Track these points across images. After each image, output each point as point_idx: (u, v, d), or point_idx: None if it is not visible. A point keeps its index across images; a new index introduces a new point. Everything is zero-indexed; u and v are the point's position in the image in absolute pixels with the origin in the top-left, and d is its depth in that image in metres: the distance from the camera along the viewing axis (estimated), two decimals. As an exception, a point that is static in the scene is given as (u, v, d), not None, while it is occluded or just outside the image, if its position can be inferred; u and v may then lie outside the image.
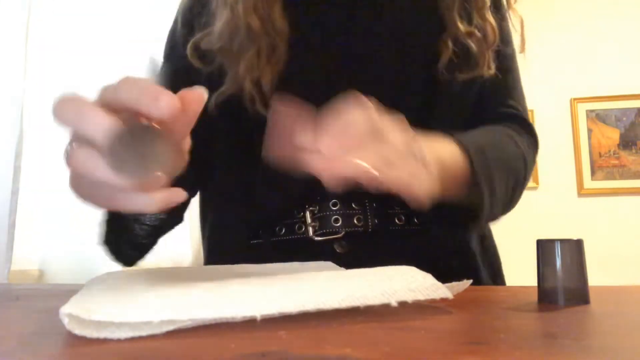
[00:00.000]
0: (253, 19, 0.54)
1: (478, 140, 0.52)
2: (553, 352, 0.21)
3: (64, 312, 0.22)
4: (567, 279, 0.32)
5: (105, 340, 0.21)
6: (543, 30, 2.84)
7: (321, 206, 0.57)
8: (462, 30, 0.57)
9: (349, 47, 0.58)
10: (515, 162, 0.56)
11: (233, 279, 0.34)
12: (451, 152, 0.48)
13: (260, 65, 0.54)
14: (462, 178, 0.48)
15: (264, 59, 0.54)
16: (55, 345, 0.21)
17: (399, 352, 0.20)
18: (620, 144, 2.79)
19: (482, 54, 0.58)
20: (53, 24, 1.44)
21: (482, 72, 0.58)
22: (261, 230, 0.58)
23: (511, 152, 0.56)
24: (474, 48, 0.57)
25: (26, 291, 0.44)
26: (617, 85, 2.79)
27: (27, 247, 1.43)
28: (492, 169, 0.50)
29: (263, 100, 0.55)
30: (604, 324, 0.28)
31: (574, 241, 0.33)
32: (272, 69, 0.55)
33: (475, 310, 0.31)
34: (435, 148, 0.46)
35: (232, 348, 0.21)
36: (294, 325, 0.24)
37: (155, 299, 0.26)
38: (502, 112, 0.61)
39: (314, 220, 0.56)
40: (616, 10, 2.83)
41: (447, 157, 0.47)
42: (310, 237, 0.56)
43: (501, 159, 0.53)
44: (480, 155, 0.49)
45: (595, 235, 2.58)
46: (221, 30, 0.56)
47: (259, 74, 0.54)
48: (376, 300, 0.27)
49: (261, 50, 0.54)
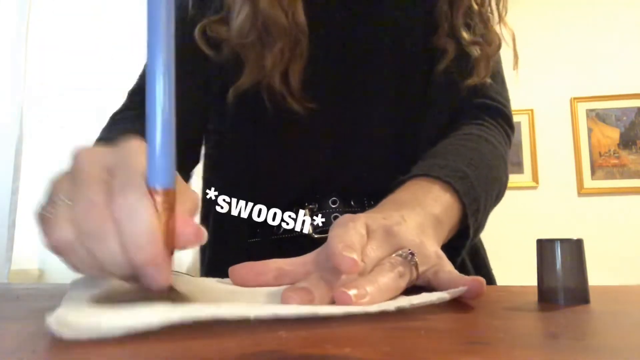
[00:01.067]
0: (279, 13, 0.54)
1: (459, 165, 0.50)
2: (553, 352, 0.21)
3: (51, 319, 0.21)
4: (567, 279, 0.32)
5: (105, 341, 0.21)
6: (543, 30, 2.84)
7: (320, 204, 0.57)
8: (467, 39, 0.58)
9: (362, 42, 0.59)
10: (497, 170, 0.56)
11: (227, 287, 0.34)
12: (442, 205, 0.45)
13: (286, 60, 0.54)
14: (456, 220, 0.48)
15: (288, 53, 0.54)
16: (55, 345, 0.21)
17: (399, 352, 0.20)
18: (621, 144, 2.79)
19: (487, 61, 0.59)
20: (53, 24, 1.44)
21: (481, 79, 0.59)
22: (259, 228, 0.59)
23: (493, 161, 0.55)
24: (475, 55, 0.58)
25: (26, 291, 0.44)
26: (617, 84, 2.79)
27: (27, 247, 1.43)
28: (480, 193, 0.49)
29: (292, 94, 0.55)
30: (604, 323, 0.28)
31: (574, 241, 0.33)
32: (298, 63, 0.55)
33: (475, 310, 0.31)
34: (429, 217, 0.43)
35: (232, 348, 0.21)
36: (294, 325, 0.24)
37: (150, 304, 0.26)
38: (478, 103, 0.62)
39: (313, 218, 0.57)
40: (616, 10, 2.83)
41: (443, 217, 0.45)
42: (309, 234, 0.56)
43: (485, 177, 0.52)
44: (468, 189, 0.48)
45: (595, 235, 2.58)
46: (241, 24, 0.55)
47: (285, 68, 0.54)
48: (374, 309, 0.27)
49: (286, 45, 0.54)
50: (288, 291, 0.29)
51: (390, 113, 0.60)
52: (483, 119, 0.61)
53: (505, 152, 0.60)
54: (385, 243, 0.36)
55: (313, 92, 0.56)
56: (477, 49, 0.58)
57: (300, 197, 0.58)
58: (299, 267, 0.37)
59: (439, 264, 0.37)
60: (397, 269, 0.33)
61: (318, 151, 0.59)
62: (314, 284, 0.30)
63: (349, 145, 0.59)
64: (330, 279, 0.31)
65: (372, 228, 0.37)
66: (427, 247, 0.38)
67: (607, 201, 2.73)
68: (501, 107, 0.63)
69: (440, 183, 0.47)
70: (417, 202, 0.43)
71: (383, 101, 0.60)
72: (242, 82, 0.56)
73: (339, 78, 0.59)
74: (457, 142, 0.56)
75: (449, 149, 0.54)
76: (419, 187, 0.47)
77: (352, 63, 0.59)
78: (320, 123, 0.58)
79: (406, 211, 0.41)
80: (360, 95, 0.59)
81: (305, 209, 0.57)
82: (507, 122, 0.63)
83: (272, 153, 0.60)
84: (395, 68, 0.60)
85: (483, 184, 0.50)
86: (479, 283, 0.33)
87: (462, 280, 0.33)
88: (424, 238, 0.39)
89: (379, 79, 0.60)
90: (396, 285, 0.32)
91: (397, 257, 0.34)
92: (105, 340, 0.22)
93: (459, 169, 0.49)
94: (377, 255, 0.35)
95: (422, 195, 0.45)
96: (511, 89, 0.67)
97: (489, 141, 0.57)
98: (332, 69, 0.59)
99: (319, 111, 0.57)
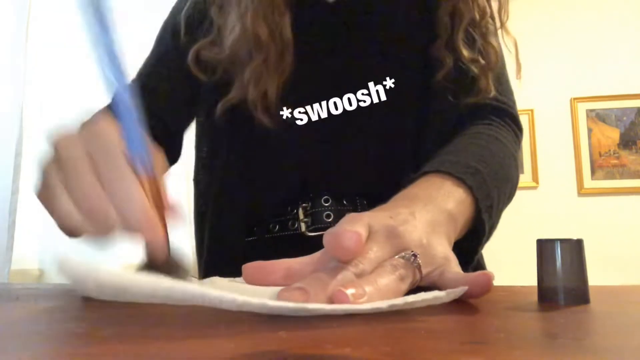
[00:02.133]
0: (262, 28, 0.55)
1: (470, 162, 0.50)
2: (553, 352, 0.21)
3: (57, 260, 0.22)
4: (567, 279, 0.32)
5: (105, 341, 0.22)
6: (543, 30, 2.84)
7: (313, 202, 0.58)
8: (467, 56, 0.58)
9: (351, 56, 0.60)
10: (509, 168, 0.55)
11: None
12: (455, 200, 0.45)
13: (267, 74, 0.55)
14: (469, 216, 0.47)
15: (271, 67, 0.55)
16: (55, 345, 0.21)
17: (399, 352, 0.20)
18: (620, 144, 2.79)
19: (486, 77, 0.59)
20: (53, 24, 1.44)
21: (485, 95, 0.59)
22: (256, 227, 0.60)
23: (504, 160, 0.55)
24: (475, 72, 0.58)
25: (26, 291, 0.44)
26: (617, 84, 2.79)
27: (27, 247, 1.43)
28: (492, 189, 0.49)
29: (267, 109, 0.56)
30: (604, 323, 0.28)
31: (574, 241, 0.33)
32: (278, 77, 0.56)
33: (475, 310, 0.31)
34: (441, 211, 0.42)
35: (232, 348, 0.21)
36: (294, 325, 0.24)
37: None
38: (485, 104, 0.61)
39: (306, 217, 0.58)
40: (616, 10, 2.83)
41: (456, 212, 0.44)
42: (303, 232, 0.57)
43: (497, 174, 0.52)
44: (480, 184, 0.48)
45: (595, 235, 2.58)
46: (230, 39, 0.57)
47: (266, 82, 0.55)
48: (367, 308, 0.27)
49: (268, 59, 0.55)
50: (284, 291, 0.29)
51: (382, 115, 0.60)
52: (491, 119, 0.61)
53: (516, 151, 0.60)
54: (388, 244, 0.36)
55: (300, 98, 0.58)
56: (477, 67, 0.58)
57: (294, 196, 0.59)
58: (308, 266, 0.37)
59: (445, 264, 0.36)
60: (398, 271, 0.32)
61: (310, 151, 0.59)
62: (310, 283, 0.30)
63: (341, 145, 0.60)
64: (327, 280, 0.31)
65: (375, 228, 0.36)
66: (433, 248, 0.37)
67: (607, 201, 2.73)
68: (508, 109, 0.63)
69: (452, 179, 0.46)
70: (430, 198, 0.43)
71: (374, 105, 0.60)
72: (231, 97, 0.57)
73: (328, 82, 0.59)
74: (467, 140, 0.56)
75: (459, 147, 0.54)
76: (430, 182, 0.46)
77: (341, 68, 0.59)
78: (311, 124, 0.59)
79: (418, 207, 0.40)
80: (351, 99, 0.59)
81: (299, 207, 0.58)
82: (515, 123, 0.63)
83: (265, 152, 0.61)
84: (386, 73, 0.59)
85: (495, 181, 0.50)
86: (486, 277, 0.32)
87: (467, 279, 0.33)
88: (433, 238, 0.38)
89: (369, 83, 0.60)
90: (396, 288, 0.32)
91: (399, 259, 0.34)
92: (106, 340, 0.22)
93: (470, 165, 0.49)
94: (377, 257, 0.35)
95: (434, 190, 0.44)
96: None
97: (499, 139, 0.57)
98: (321, 74, 0.59)
99: (308, 113, 0.58)
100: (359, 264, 0.33)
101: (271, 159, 0.61)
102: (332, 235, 0.33)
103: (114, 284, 0.23)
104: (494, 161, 0.52)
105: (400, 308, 0.28)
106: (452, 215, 0.43)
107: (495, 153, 0.54)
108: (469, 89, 0.59)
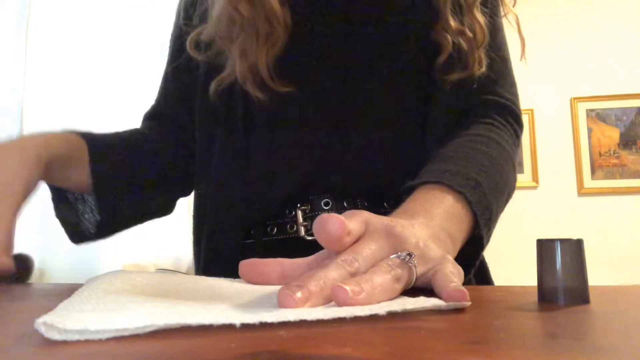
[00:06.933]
0: (242, 4, 0.55)
1: (471, 172, 0.49)
2: (553, 352, 0.21)
3: (39, 321, 0.22)
4: (567, 279, 0.32)
5: (104, 341, 0.21)
6: (543, 30, 2.84)
7: (313, 205, 0.57)
8: (454, 27, 0.57)
9: (350, 37, 0.59)
10: (507, 174, 0.55)
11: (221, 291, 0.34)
12: (456, 220, 0.45)
13: (255, 50, 0.55)
14: (467, 234, 0.47)
15: (260, 43, 0.55)
16: (54, 344, 0.21)
17: (399, 352, 0.20)
18: (620, 143, 2.79)
19: (472, 54, 0.58)
20: (53, 24, 1.44)
21: (474, 71, 0.58)
22: (253, 230, 0.59)
23: (503, 165, 0.55)
24: (464, 47, 0.57)
25: (26, 291, 0.44)
26: (617, 84, 2.79)
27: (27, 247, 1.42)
28: (491, 201, 0.49)
29: (257, 82, 0.56)
30: (604, 323, 0.28)
31: (574, 241, 0.33)
32: (267, 52, 0.55)
33: (475, 310, 0.31)
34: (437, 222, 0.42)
35: (232, 348, 0.21)
36: (294, 325, 0.24)
37: (138, 308, 0.26)
38: (487, 100, 0.61)
39: (305, 220, 0.57)
40: (616, 10, 2.83)
41: (457, 234, 0.44)
42: (301, 236, 0.56)
43: (496, 183, 0.51)
44: (480, 198, 0.47)
45: (595, 235, 2.58)
46: (216, 18, 0.57)
47: (254, 55, 0.55)
48: (364, 312, 0.27)
49: (258, 35, 0.55)
50: (284, 289, 0.29)
51: (382, 103, 0.59)
52: (492, 118, 0.60)
53: (514, 153, 0.59)
54: (385, 243, 0.36)
55: (303, 79, 0.57)
56: (464, 40, 0.57)
57: (293, 199, 0.58)
58: (302, 267, 0.37)
59: (441, 263, 0.36)
60: (394, 271, 0.32)
61: (309, 152, 0.58)
62: (308, 280, 0.30)
63: (341, 147, 0.58)
64: (324, 276, 0.31)
65: (373, 226, 0.36)
66: (430, 249, 0.37)
67: (607, 201, 2.73)
68: (510, 105, 0.62)
69: (452, 193, 0.46)
70: (430, 216, 0.43)
71: (375, 102, 0.59)
72: (224, 75, 0.58)
73: (324, 60, 0.58)
74: (468, 144, 0.55)
75: (459, 153, 0.53)
76: (431, 196, 0.46)
77: (342, 64, 0.58)
78: (311, 124, 0.58)
79: (417, 222, 0.40)
80: (352, 98, 0.58)
81: (298, 210, 0.57)
82: (516, 119, 0.63)
83: (264, 154, 0.60)
84: (388, 69, 0.59)
85: (494, 191, 0.50)
86: (460, 294, 0.31)
87: (445, 290, 0.32)
88: (431, 242, 0.38)
89: (371, 80, 0.59)
90: (392, 287, 0.32)
91: (395, 258, 0.34)
92: (105, 340, 0.22)
93: (471, 176, 0.48)
94: (374, 255, 0.35)
95: (435, 207, 0.44)
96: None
97: (499, 143, 0.57)
98: (317, 53, 0.59)
99: (310, 112, 0.58)
100: (355, 262, 0.33)
101: (270, 158, 0.60)
102: (318, 220, 0.34)
103: (110, 327, 0.22)
104: (493, 169, 0.52)
105: (392, 308, 0.28)
106: (452, 236, 0.43)
107: (495, 159, 0.54)
108: (457, 64, 0.58)
